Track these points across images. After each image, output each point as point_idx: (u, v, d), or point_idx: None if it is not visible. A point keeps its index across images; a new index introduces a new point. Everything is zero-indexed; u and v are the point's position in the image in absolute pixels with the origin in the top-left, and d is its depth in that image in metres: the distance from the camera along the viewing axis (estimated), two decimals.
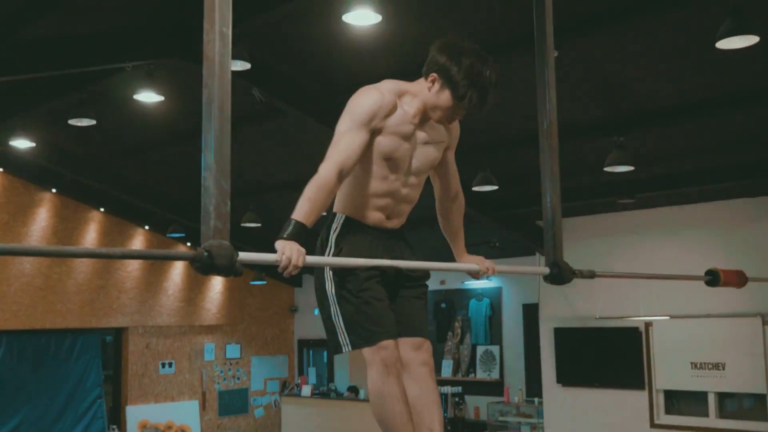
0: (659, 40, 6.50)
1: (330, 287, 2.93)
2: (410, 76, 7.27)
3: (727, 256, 9.04)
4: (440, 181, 3.16)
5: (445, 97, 2.80)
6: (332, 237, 2.96)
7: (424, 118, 2.90)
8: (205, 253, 2.18)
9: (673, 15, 6.04)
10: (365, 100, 2.82)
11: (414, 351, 3.02)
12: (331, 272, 2.92)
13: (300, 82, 7.75)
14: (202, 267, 2.19)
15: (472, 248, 3.31)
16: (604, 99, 7.61)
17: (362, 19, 5.69)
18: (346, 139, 2.74)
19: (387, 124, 2.83)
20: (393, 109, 2.84)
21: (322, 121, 7.94)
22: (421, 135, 2.92)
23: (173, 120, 8.88)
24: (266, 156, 9.81)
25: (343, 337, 2.92)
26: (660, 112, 7.59)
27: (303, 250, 2.46)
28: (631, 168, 7.88)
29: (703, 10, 5.87)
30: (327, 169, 2.66)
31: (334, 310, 2.93)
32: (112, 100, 8.26)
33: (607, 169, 7.86)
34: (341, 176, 2.69)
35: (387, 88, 2.88)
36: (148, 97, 7.26)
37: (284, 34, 6.90)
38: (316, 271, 3.03)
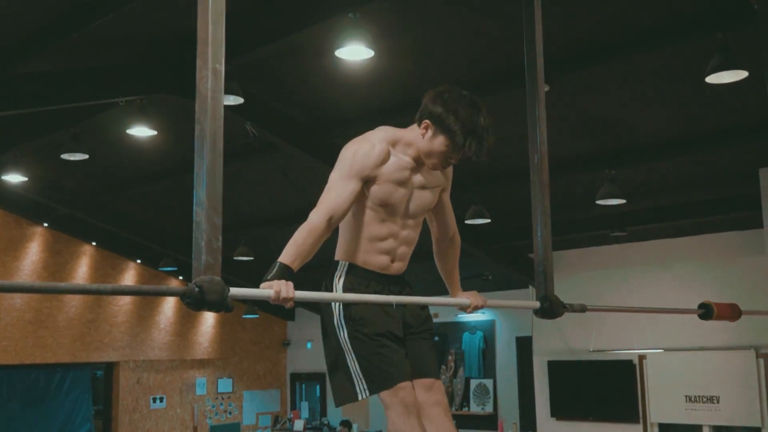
0: (650, 75, 6.57)
1: (343, 334, 2.93)
2: (402, 110, 7.36)
3: (719, 289, 9.04)
4: (437, 222, 3.17)
5: (439, 143, 2.83)
6: (337, 283, 2.98)
7: (419, 163, 2.93)
8: (196, 289, 2.17)
9: (664, 50, 6.10)
10: (356, 152, 2.84)
11: (426, 392, 3.02)
12: (343, 320, 2.92)
13: (293, 116, 7.79)
14: (193, 303, 2.18)
15: (465, 281, 3.32)
16: (595, 133, 7.66)
17: (355, 54, 5.72)
18: (337, 188, 2.77)
19: (380, 173, 2.86)
20: (385, 159, 2.87)
21: (315, 155, 7.97)
22: (417, 180, 2.95)
23: (166, 154, 8.89)
24: (259, 190, 9.83)
25: (360, 384, 2.91)
26: (651, 146, 7.65)
27: (290, 282, 2.46)
28: (623, 201, 7.92)
29: (693, 46, 5.94)
30: (317, 216, 2.68)
31: (350, 357, 2.92)
32: (105, 135, 8.28)
33: (599, 202, 7.90)
34: (330, 223, 2.70)
35: (379, 137, 2.89)
36: (141, 131, 7.27)
37: (277, 69, 6.95)
38: (323, 320, 3.03)
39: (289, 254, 2.58)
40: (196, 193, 2.25)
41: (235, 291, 2.26)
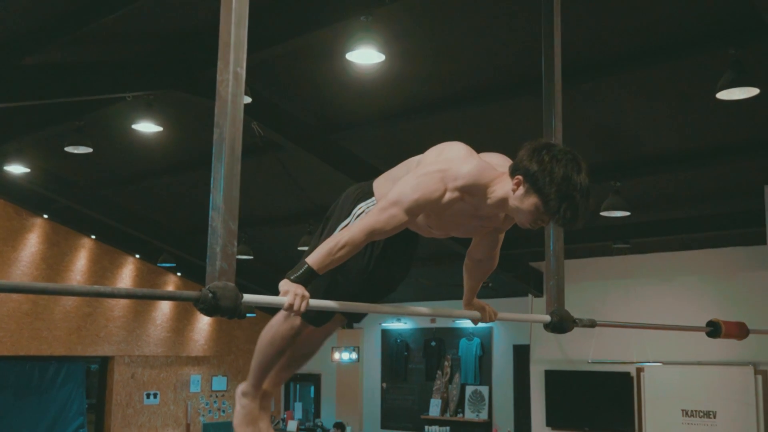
0: (660, 88, 6.55)
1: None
2: (412, 114, 7.31)
3: (720, 304, 9.04)
4: (480, 245, 3.02)
5: (530, 204, 2.50)
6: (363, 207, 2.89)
7: (491, 209, 2.65)
8: (210, 295, 2.15)
9: (675, 64, 6.08)
10: (427, 185, 2.56)
11: (330, 323, 3.19)
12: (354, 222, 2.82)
13: (300, 117, 7.76)
14: (207, 309, 2.16)
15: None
16: (602, 144, 7.64)
17: (366, 57, 5.69)
18: (389, 213, 2.57)
19: (439, 213, 2.66)
20: (450, 206, 2.60)
21: (321, 156, 7.95)
22: (476, 220, 2.74)
23: (170, 151, 8.86)
24: (261, 188, 9.79)
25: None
26: (658, 159, 7.63)
27: (307, 294, 2.42)
28: (627, 213, 7.89)
29: (705, 61, 5.92)
30: (359, 232, 2.56)
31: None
32: (110, 129, 8.24)
33: (604, 213, 7.87)
34: (369, 239, 2.61)
35: (458, 182, 2.56)
36: (146, 127, 7.24)
37: (287, 70, 6.93)
38: (345, 200, 2.96)
39: (319, 260, 2.52)
40: (213, 198, 2.23)
41: (248, 297, 2.23)
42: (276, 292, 2.43)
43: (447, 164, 2.60)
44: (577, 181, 2.46)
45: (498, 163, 2.68)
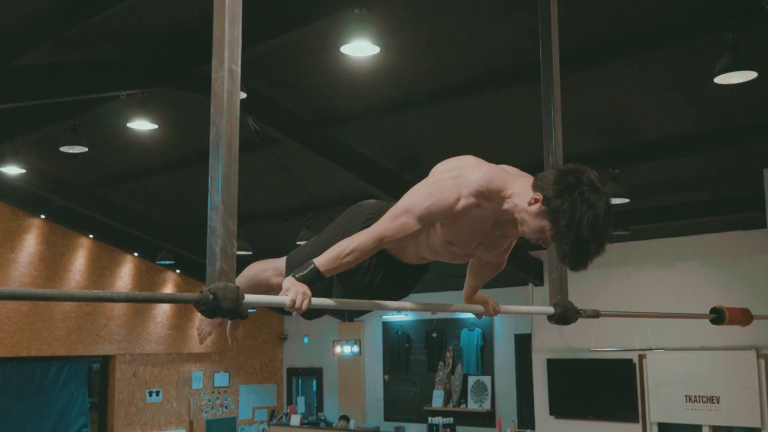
0: (657, 74, 6.51)
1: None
2: (408, 106, 7.24)
3: (721, 289, 9.02)
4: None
5: (540, 226, 2.42)
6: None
7: (511, 216, 2.55)
8: (211, 296, 2.12)
9: (672, 49, 6.05)
10: (439, 194, 2.51)
11: None
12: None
13: (295, 111, 7.72)
14: (208, 310, 2.13)
15: (465, 279, 3.16)
16: (600, 131, 7.61)
17: (360, 50, 5.65)
18: (401, 222, 2.54)
19: (455, 222, 2.58)
20: (466, 213, 2.53)
21: (317, 150, 7.92)
22: (497, 231, 2.65)
23: (166, 148, 8.82)
24: (258, 184, 9.75)
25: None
26: (656, 145, 7.60)
27: (309, 293, 2.40)
28: (626, 200, 7.86)
29: (702, 45, 5.89)
30: (369, 239, 2.54)
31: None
32: (105, 128, 8.20)
33: None
34: (379, 247, 2.58)
35: (473, 187, 2.50)
36: (141, 125, 7.20)
37: (281, 64, 6.88)
38: (358, 210, 2.95)
39: (326, 262, 2.50)
40: (211, 197, 2.20)
41: (250, 298, 2.21)
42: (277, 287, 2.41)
43: (459, 171, 2.54)
44: (598, 231, 2.36)
45: (510, 170, 2.63)
